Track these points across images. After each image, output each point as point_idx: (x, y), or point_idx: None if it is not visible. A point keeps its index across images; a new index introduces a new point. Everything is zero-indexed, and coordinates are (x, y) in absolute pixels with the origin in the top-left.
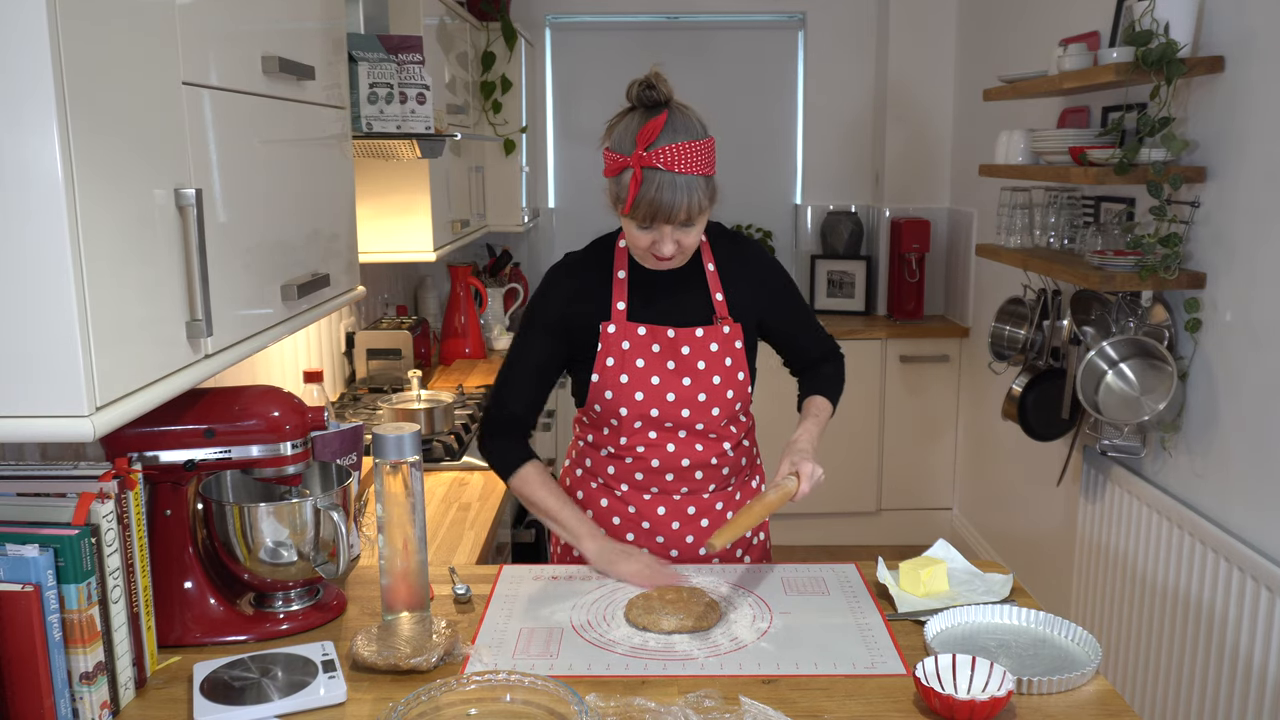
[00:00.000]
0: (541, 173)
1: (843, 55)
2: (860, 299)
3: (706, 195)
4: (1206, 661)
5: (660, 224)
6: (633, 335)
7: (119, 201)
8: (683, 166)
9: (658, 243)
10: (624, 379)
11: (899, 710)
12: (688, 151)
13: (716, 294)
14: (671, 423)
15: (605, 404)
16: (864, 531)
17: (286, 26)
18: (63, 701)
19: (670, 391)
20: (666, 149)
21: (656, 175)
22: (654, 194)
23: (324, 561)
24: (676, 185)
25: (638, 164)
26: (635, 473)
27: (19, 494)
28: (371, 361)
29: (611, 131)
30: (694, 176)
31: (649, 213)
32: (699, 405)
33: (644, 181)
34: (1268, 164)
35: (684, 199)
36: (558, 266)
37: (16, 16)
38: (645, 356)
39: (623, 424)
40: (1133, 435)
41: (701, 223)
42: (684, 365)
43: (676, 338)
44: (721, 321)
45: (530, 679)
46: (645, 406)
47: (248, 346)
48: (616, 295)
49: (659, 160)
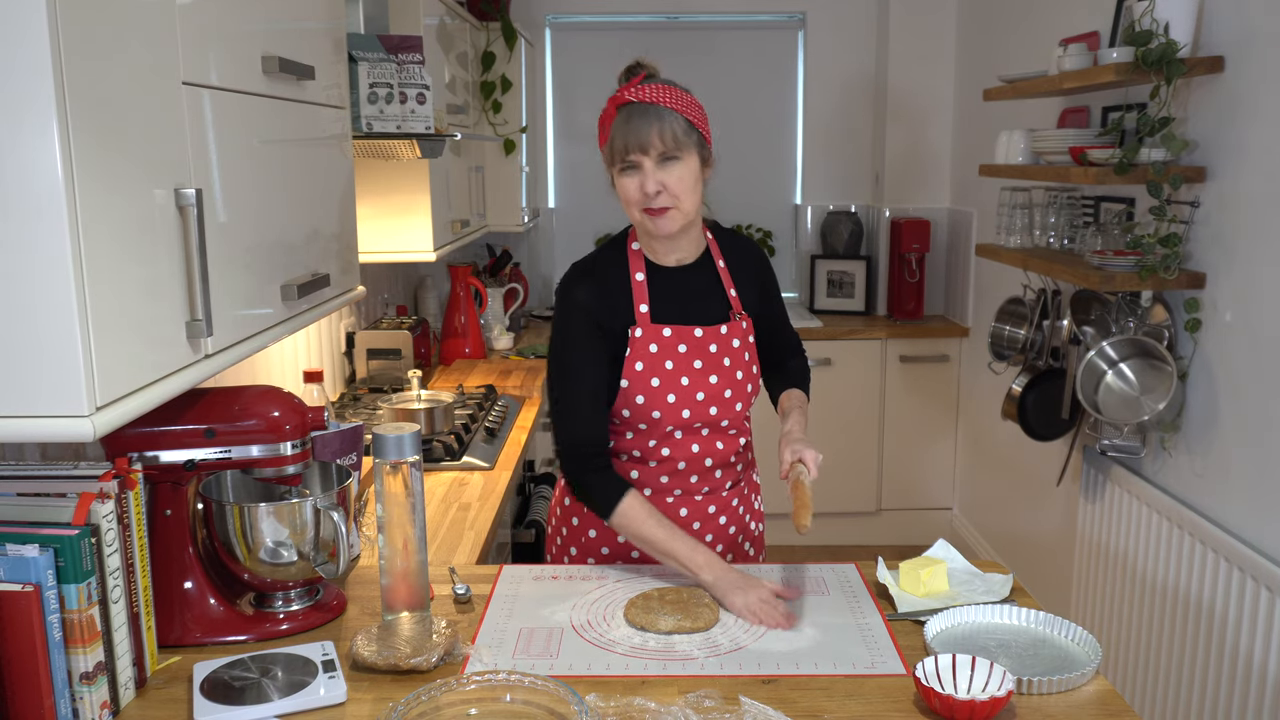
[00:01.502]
0: (541, 173)
1: (843, 55)
2: (860, 299)
3: (685, 133)
4: (1206, 661)
5: (638, 157)
6: (659, 337)
7: (119, 201)
8: (658, 99)
9: (643, 184)
10: (655, 382)
11: (899, 710)
12: (665, 90)
13: (730, 290)
14: (700, 422)
15: (635, 409)
16: (864, 531)
17: (286, 26)
18: (63, 701)
19: (700, 391)
20: (643, 87)
21: (630, 107)
22: (627, 120)
23: (324, 561)
24: (649, 112)
25: (613, 103)
26: (660, 476)
27: (19, 494)
28: (371, 361)
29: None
30: (671, 110)
31: (624, 142)
32: (725, 402)
33: (619, 115)
34: (1268, 164)
35: (656, 123)
36: (572, 278)
37: (17, 16)
38: (673, 358)
39: (653, 427)
40: (1133, 435)
41: (687, 168)
42: (710, 363)
43: (704, 336)
44: (740, 317)
45: (530, 679)
46: (677, 409)
47: (248, 346)
48: (638, 298)
49: (633, 95)
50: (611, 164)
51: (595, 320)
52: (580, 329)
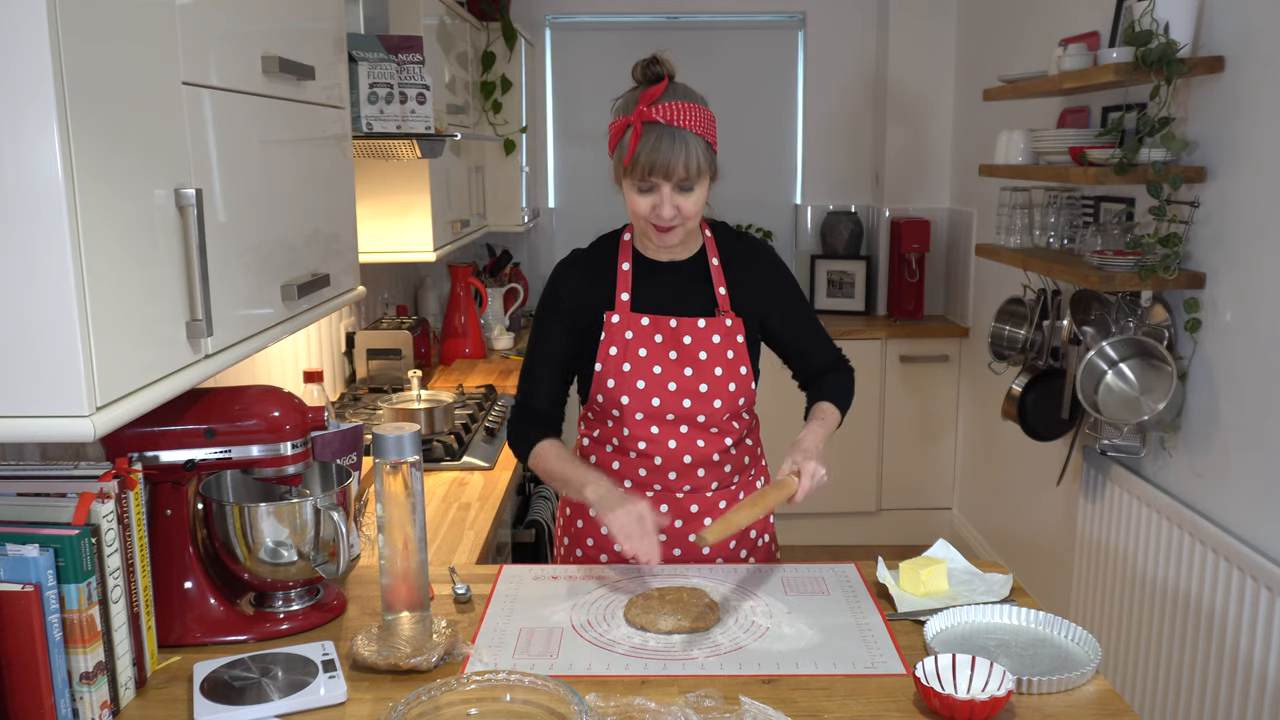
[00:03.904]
0: (541, 173)
1: (843, 55)
2: (860, 299)
3: (706, 160)
4: (1206, 661)
5: (659, 180)
6: (635, 325)
7: (119, 201)
8: (684, 122)
9: (657, 206)
10: (626, 367)
11: (899, 710)
12: (689, 110)
13: (720, 288)
14: (673, 414)
15: (607, 394)
16: (864, 531)
17: (286, 26)
18: (63, 701)
19: (672, 381)
20: (668, 105)
21: (657, 128)
22: (653, 144)
23: (324, 561)
24: (675, 138)
25: (639, 119)
26: (639, 469)
27: (19, 494)
28: (371, 361)
29: (616, 107)
30: (695, 135)
31: (648, 165)
32: (700, 396)
33: (644, 134)
34: (1268, 164)
35: (682, 152)
36: (565, 261)
37: (17, 17)
38: (648, 346)
39: (624, 414)
40: (1132, 435)
41: (701, 190)
42: (686, 356)
43: (679, 328)
44: (724, 315)
45: (530, 679)
46: (646, 396)
47: (248, 346)
48: (620, 286)
49: (659, 114)
50: (625, 174)
51: (572, 299)
52: (553, 304)
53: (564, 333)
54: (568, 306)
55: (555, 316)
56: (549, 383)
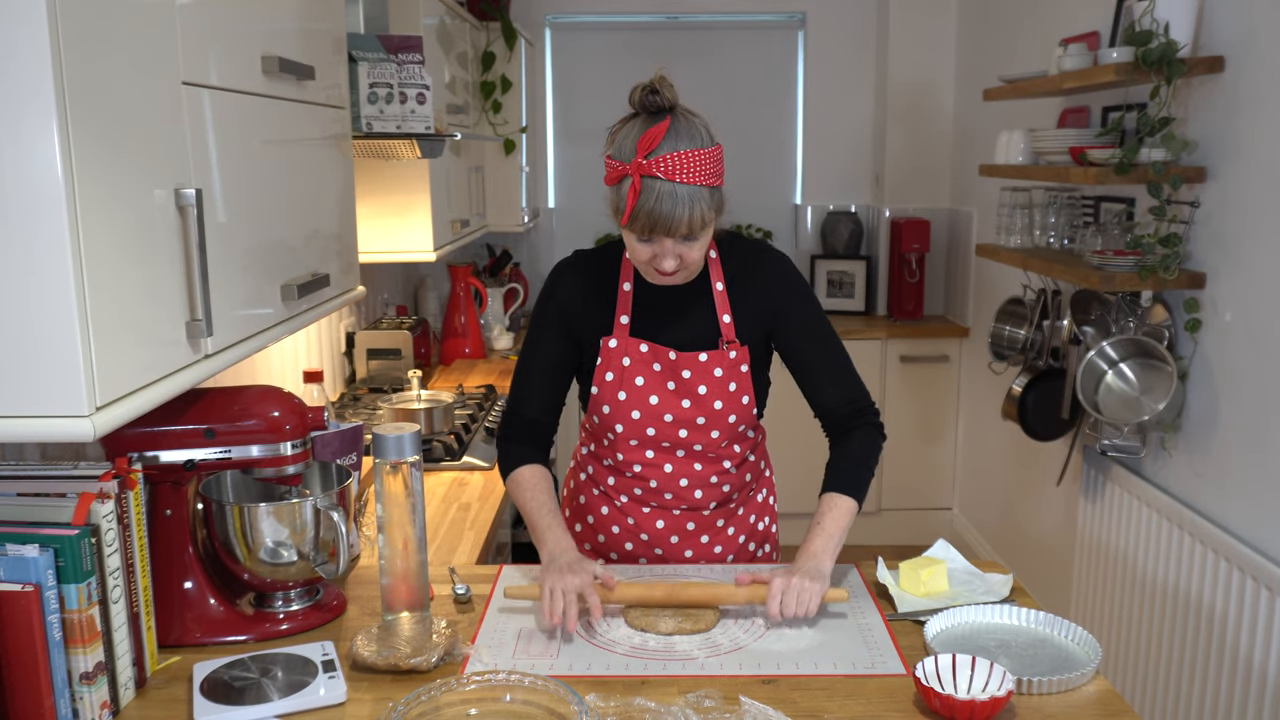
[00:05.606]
0: (541, 173)
1: (843, 55)
2: (860, 299)
3: (710, 207)
4: (1206, 661)
5: (660, 236)
6: (634, 352)
7: (119, 201)
8: (684, 176)
9: (659, 257)
10: (621, 395)
11: (899, 710)
12: (691, 160)
13: (724, 316)
14: (669, 443)
15: (603, 418)
16: (864, 531)
17: (286, 26)
18: (63, 701)
19: (668, 412)
20: (668, 157)
21: (656, 185)
22: (653, 205)
23: (324, 561)
24: (677, 196)
25: (637, 172)
26: (634, 488)
27: (19, 494)
28: (371, 361)
29: (614, 139)
30: (697, 187)
31: (648, 224)
32: (698, 428)
33: (643, 191)
34: (1268, 164)
35: (684, 211)
36: (564, 263)
37: (16, 16)
38: (645, 374)
39: (619, 440)
40: (1133, 435)
41: (705, 237)
42: (685, 388)
43: (678, 360)
44: (728, 346)
45: (530, 679)
46: (641, 425)
47: (248, 346)
48: (620, 308)
49: (659, 169)
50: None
51: (567, 313)
52: (549, 315)
53: (560, 340)
54: (565, 313)
55: (552, 322)
56: (542, 390)
